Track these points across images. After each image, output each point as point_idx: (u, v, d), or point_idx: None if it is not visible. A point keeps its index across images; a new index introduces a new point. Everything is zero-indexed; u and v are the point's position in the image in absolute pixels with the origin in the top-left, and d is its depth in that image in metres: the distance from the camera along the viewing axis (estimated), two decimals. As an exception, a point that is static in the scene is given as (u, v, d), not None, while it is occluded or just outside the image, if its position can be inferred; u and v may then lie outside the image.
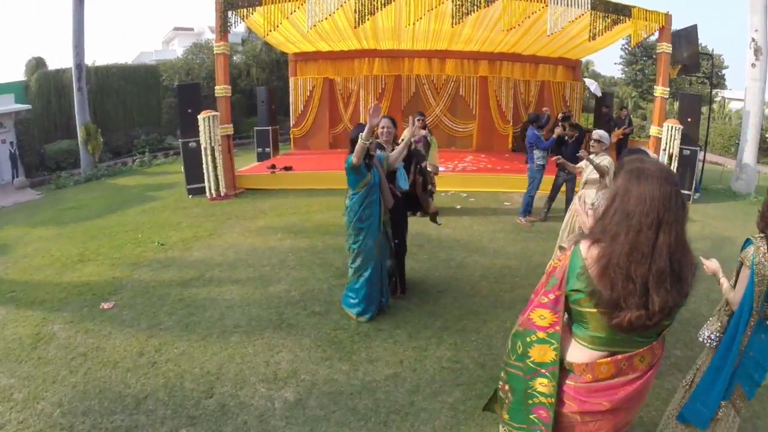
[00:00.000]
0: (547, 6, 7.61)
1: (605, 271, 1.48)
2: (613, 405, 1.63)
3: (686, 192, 9.38)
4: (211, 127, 7.97)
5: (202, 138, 8.00)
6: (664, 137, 9.12)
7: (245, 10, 7.90)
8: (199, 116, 7.99)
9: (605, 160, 4.85)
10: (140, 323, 3.96)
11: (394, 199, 4.26)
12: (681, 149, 9.04)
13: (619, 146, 10.86)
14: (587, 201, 4.84)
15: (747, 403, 2.40)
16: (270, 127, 11.48)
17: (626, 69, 28.49)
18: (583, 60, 15.76)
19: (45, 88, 16.35)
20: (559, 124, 7.72)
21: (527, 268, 5.35)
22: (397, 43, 11.89)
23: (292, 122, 12.76)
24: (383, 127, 4.48)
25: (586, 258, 1.55)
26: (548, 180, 7.62)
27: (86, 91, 13.40)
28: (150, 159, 14.54)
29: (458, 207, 7.86)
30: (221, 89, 8.35)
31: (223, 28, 8.04)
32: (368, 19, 7.50)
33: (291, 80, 12.68)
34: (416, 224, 6.37)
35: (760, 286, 2.12)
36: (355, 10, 7.44)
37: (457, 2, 7.44)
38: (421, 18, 7.62)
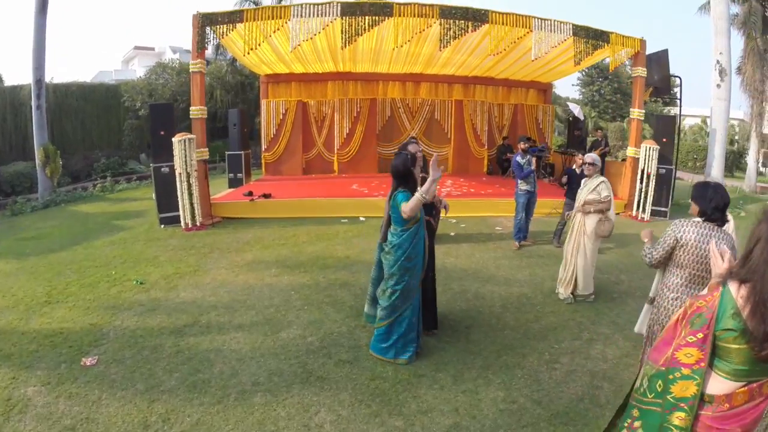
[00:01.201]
0: (531, 31, 7.67)
1: (756, 307, 1.61)
2: (744, 428, 1.77)
3: (664, 209, 9.67)
4: (186, 151, 7.30)
5: (177, 162, 7.30)
6: (642, 157, 9.37)
7: (224, 27, 7.42)
8: (173, 139, 7.30)
9: (601, 180, 5.20)
10: (135, 384, 3.28)
11: (428, 230, 4.06)
12: (658, 168, 9.31)
13: None
14: (587, 225, 5.13)
15: None
16: (242, 152, 10.84)
17: (583, 90, 30.08)
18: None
19: (0, 106, 15.18)
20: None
21: (543, 295, 5.26)
22: (372, 66, 11.71)
23: (263, 146, 12.15)
24: (418, 152, 4.22)
25: (737, 299, 1.68)
26: (541, 204, 7.61)
27: (45, 109, 12.32)
28: (112, 184, 13.57)
29: (452, 234, 7.60)
30: (197, 110, 7.73)
31: (200, 44, 7.48)
32: (355, 40, 7.24)
33: (263, 103, 12.15)
34: None
35: None
36: (342, 31, 7.17)
37: (445, 26, 7.35)
38: (409, 41, 7.45)
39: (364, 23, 7.16)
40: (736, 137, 26.17)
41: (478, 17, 7.37)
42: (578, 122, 12.70)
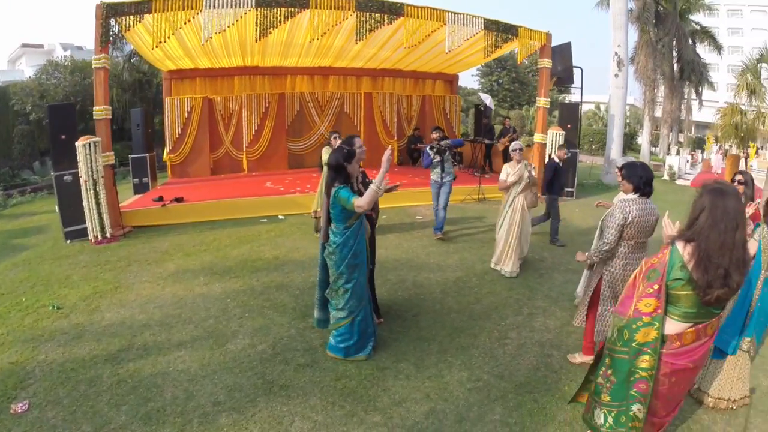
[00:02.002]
0: (444, 25, 7.91)
1: (699, 261, 2.03)
2: (695, 363, 2.21)
3: (570, 189, 10.62)
4: (92, 156, 6.39)
5: (82, 169, 6.37)
6: (549, 143, 10.17)
7: (129, 19, 6.61)
8: (77, 143, 6.35)
9: (526, 163, 5.70)
10: (80, 426, 2.79)
11: (369, 222, 4.05)
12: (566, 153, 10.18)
13: (505, 152, 11.87)
14: (523, 202, 5.64)
15: (756, 348, 3.03)
16: (147, 154, 9.79)
17: (482, 80, 31.81)
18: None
19: None
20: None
21: (477, 277, 5.51)
22: (281, 60, 11.23)
23: (168, 148, 11.10)
24: (360, 147, 4.08)
25: (683, 255, 2.09)
26: (457, 190, 7.84)
27: None
28: (5, 198, 11.83)
29: (377, 225, 7.64)
30: (101, 110, 6.80)
31: (103, 37, 6.56)
32: (270, 33, 6.88)
33: (166, 101, 11.05)
34: None
35: (765, 253, 2.86)
36: (256, 23, 6.78)
37: (361, 19, 7.29)
38: (324, 34, 7.27)
39: (279, 15, 6.81)
40: (628, 121, 29.69)
41: (393, 10, 7.42)
42: (485, 111, 13.36)
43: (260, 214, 7.92)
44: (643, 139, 21.31)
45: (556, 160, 7.11)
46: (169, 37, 6.94)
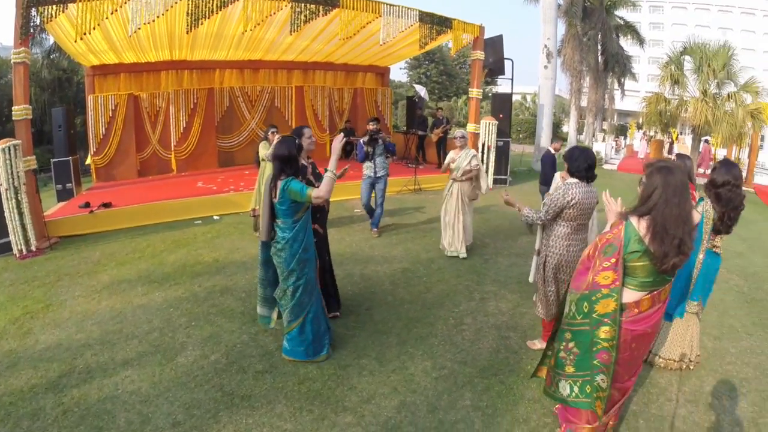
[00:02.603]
0: (379, 16, 7.86)
1: (654, 234, 2.18)
2: (652, 328, 2.39)
3: (504, 177, 11.08)
4: (12, 161, 5.59)
5: (2, 176, 5.57)
6: (482, 132, 10.50)
7: (52, 9, 5.84)
8: None
9: (472, 153, 5.84)
10: None
11: (319, 210, 4.01)
12: (497, 141, 10.57)
13: (438, 143, 12.13)
14: (464, 190, 5.81)
15: (702, 310, 3.42)
16: (71, 158, 8.78)
17: (411, 72, 32.26)
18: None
19: None
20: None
21: (424, 267, 5.59)
22: (210, 53, 10.58)
23: (92, 149, 10.03)
24: (310, 138, 3.97)
25: (639, 229, 2.24)
26: (392, 182, 7.73)
27: None
28: None
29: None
30: (21, 110, 5.94)
31: (24, 29, 5.73)
32: (201, 23, 6.44)
33: (89, 99, 9.92)
34: None
35: (707, 224, 3.14)
36: (188, 13, 6.30)
37: (296, 9, 7.05)
38: (258, 25, 6.92)
39: (212, 5, 6.35)
40: (554, 110, 31.59)
41: (329, 1, 7.20)
42: (419, 102, 13.52)
43: (194, 215, 7.46)
44: (570, 128, 22.81)
45: (552, 151, 7.18)
46: (94, 28, 6.25)
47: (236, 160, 11.72)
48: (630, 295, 2.31)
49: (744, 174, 15.81)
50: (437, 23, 8.80)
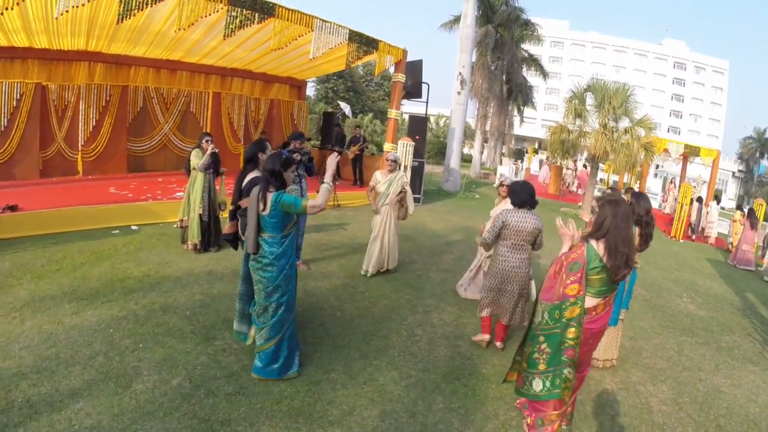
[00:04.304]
0: (311, 31, 7.94)
1: (610, 252, 2.76)
2: (602, 327, 2.95)
3: (418, 195, 11.67)
4: None
5: None
6: (399, 152, 10.99)
7: None
8: None
9: (401, 174, 6.03)
10: None
11: None
12: (413, 161, 11.14)
13: (355, 160, 12.39)
14: (392, 212, 5.94)
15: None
16: None
17: (318, 87, 32.22)
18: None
19: None
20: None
21: (363, 282, 5.76)
22: (129, 47, 9.63)
23: None
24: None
25: (598, 249, 2.80)
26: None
27: None
28: None
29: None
30: None
31: None
32: (134, 14, 5.94)
33: None
34: (213, 261, 5.84)
35: None
36: (121, 1, 5.80)
37: (233, 14, 6.85)
38: (194, 23, 6.56)
39: None
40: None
41: (265, 9, 7.08)
42: (333, 118, 13.58)
43: (111, 224, 6.77)
44: (475, 151, 24.71)
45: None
46: (18, 3, 5.44)
47: (147, 165, 10.80)
48: (590, 302, 2.85)
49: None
50: (365, 43, 9.12)
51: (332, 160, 3.41)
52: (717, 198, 15.60)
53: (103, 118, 9.86)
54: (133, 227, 6.94)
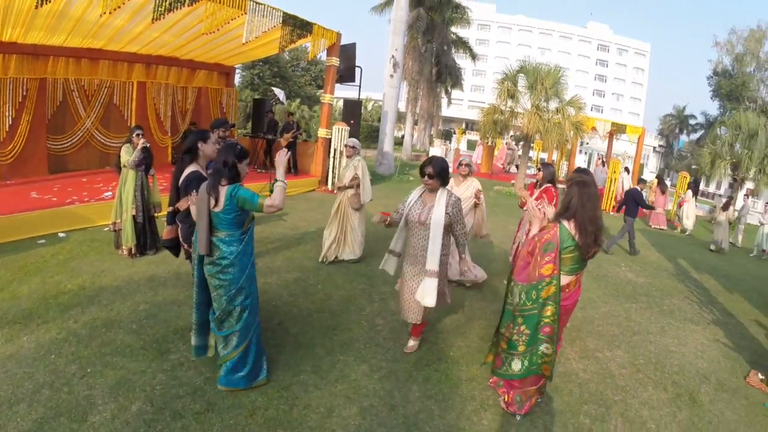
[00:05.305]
0: (245, 14, 7.52)
1: (580, 230, 2.90)
2: (574, 303, 3.16)
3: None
4: None
5: None
6: (334, 137, 10.83)
7: None
8: None
9: (358, 160, 6.02)
10: None
11: None
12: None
13: (288, 148, 11.99)
14: (347, 200, 5.95)
15: None
16: None
17: (244, 73, 30.78)
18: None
19: None
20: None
21: (314, 275, 5.67)
22: (46, 36, 8.55)
23: None
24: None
25: (570, 229, 2.93)
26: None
27: None
28: None
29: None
30: None
31: None
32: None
33: None
34: (153, 265, 5.53)
35: None
36: None
37: (161, -4, 6.30)
38: (120, 6, 5.94)
39: None
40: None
41: (196, -9, 6.62)
42: (265, 104, 13.10)
43: (36, 233, 6.10)
44: (406, 133, 24.84)
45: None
46: None
47: (69, 165, 9.79)
48: (564, 280, 3.00)
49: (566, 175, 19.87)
50: (299, 26, 8.84)
51: (281, 157, 3.23)
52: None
53: (21, 115, 8.78)
54: (61, 234, 6.32)
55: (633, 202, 8.93)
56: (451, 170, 4.08)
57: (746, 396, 4.03)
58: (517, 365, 3.09)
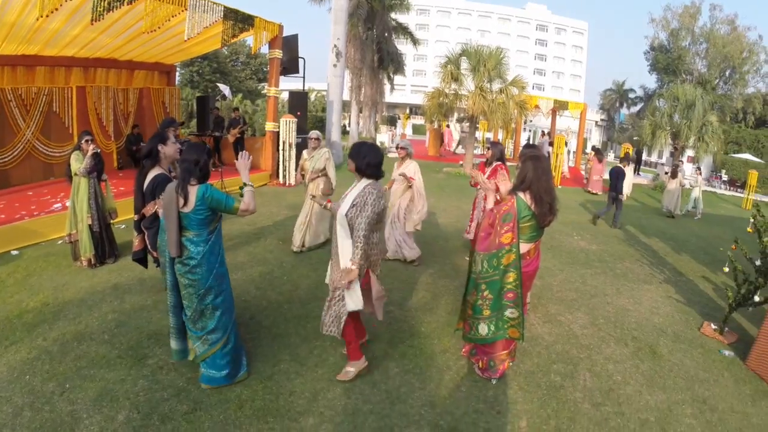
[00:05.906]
0: (185, 10, 7.34)
1: (536, 201, 3.17)
2: (535, 269, 3.49)
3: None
4: None
5: None
6: (282, 130, 10.80)
7: None
8: None
9: (325, 150, 6.29)
10: None
11: None
12: (297, 138, 11.03)
13: (236, 143, 12.03)
14: (319, 188, 6.12)
15: None
16: None
17: (182, 70, 29.60)
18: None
19: None
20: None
21: (278, 268, 5.74)
22: None
23: None
24: (175, 143, 3.88)
25: (526, 200, 3.20)
26: None
27: None
28: None
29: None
30: None
31: None
32: None
33: None
34: (115, 274, 5.46)
35: None
36: None
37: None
38: (57, 9, 5.63)
39: None
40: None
41: (135, -12, 6.38)
42: (209, 100, 12.87)
43: (-13, 251, 5.83)
44: (352, 122, 24.83)
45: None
46: None
47: (12, 179, 9.28)
48: (523, 248, 3.28)
49: (511, 152, 20.56)
50: (240, 20, 8.75)
51: (244, 161, 3.29)
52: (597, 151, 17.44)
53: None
54: (14, 252, 6.07)
55: (617, 179, 9.68)
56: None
57: (701, 345, 4.47)
58: (483, 329, 3.36)
